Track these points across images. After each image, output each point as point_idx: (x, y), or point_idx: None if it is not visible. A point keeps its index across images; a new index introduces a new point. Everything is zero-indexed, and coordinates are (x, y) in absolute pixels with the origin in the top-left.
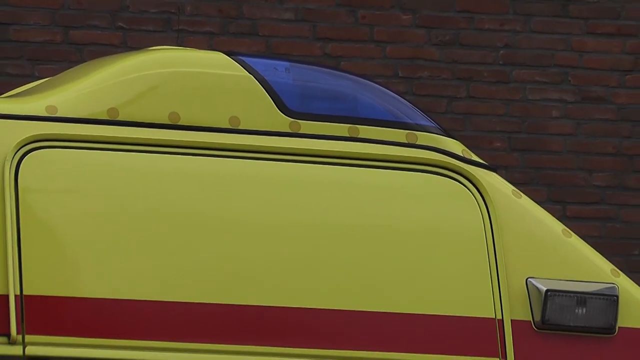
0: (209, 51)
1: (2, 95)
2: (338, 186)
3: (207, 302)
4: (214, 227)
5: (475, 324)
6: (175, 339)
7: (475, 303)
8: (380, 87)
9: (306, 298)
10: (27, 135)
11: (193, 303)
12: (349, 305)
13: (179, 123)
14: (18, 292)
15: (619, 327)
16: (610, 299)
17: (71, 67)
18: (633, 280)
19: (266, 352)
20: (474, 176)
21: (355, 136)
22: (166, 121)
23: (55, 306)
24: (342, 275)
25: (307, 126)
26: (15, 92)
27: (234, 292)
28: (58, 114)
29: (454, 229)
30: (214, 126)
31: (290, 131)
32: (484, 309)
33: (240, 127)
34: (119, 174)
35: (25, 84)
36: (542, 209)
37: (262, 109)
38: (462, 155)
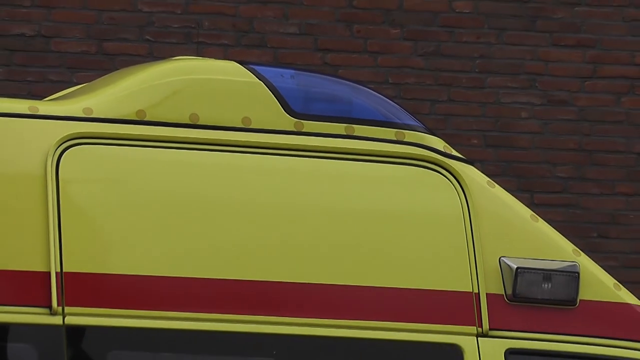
0: (224, 60)
1: (45, 99)
2: (336, 177)
3: (223, 278)
4: (228, 212)
5: (455, 296)
6: (197, 310)
7: (455, 279)
8: (373, 92)
9: (308, 274)
10: (66, 134)
11: (211, 279)
12: (349, 280)
13: (198, 123)
14: (58, 270)
15: (579, 300)
16: (572, 276)
17: (104, 75)
18: (592, 259)
19: (279, 322)
20: (454, 169)
21: (351, 134)
22: (187, 121)
23: (91, 281)
24: (340, 254)
25: (309, 125)
26: (56, 96)
27: (246, 268)
28: (93, 115)
29: (436, 214)
30: (229, 125)
31: (295, 130)
32: (463, 284)
33: (251, 127)
34: (146, 167)
35: (64, 89)
36: (513, 197)
37: (270, 111)
38: (443, 150)
